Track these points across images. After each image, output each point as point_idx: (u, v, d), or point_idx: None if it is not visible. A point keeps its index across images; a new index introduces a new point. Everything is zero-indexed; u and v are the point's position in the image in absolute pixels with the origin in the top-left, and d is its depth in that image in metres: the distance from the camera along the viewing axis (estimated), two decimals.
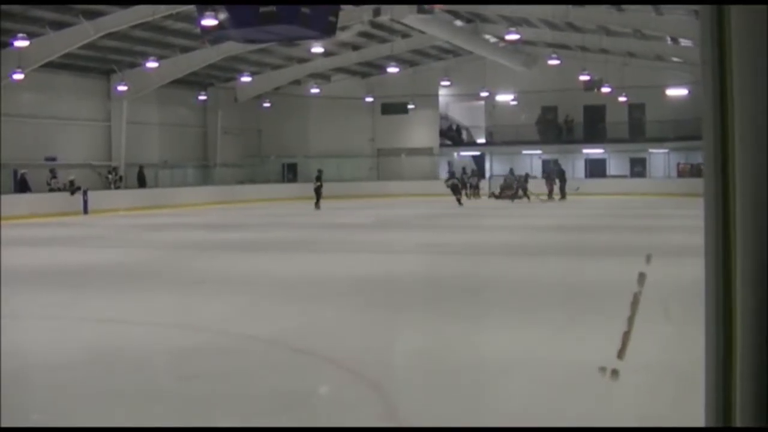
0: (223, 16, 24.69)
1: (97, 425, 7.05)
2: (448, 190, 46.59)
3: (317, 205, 43.10)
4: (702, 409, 2.27)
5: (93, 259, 20.45)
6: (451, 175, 50.24)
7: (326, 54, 49.61)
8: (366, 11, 41.02)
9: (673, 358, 9.00)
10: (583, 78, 53.17)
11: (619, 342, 8.95)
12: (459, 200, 45.23)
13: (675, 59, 53.42)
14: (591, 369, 8.47)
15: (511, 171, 53.91)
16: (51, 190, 42.11)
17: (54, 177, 42.83)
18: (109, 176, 47.25)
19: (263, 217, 37.05)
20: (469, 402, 7.62)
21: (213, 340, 10.37)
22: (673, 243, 21.91)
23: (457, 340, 10.12)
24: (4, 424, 7.08)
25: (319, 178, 44.49)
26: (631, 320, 10.19)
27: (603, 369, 7.92)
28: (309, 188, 56.19)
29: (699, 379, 2.31)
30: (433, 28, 44.40)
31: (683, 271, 15.58)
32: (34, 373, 8.85)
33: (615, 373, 7.86)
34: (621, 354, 8.54)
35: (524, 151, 60.93)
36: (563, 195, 48.24)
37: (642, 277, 13.15)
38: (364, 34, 48.41)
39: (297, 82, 59.36)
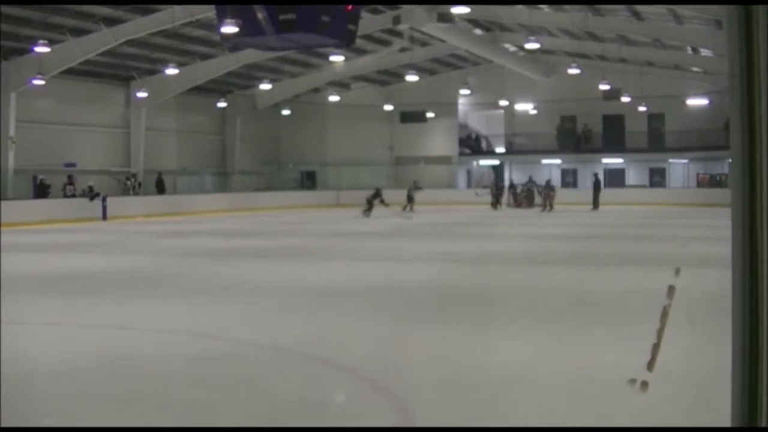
0: (242, 23, 24.74)
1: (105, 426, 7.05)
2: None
3: (368, 213, 41.99)
4: (727, 413, 2.22)
5: (106, 265, 20.46)
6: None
7: (346, 62, 49.68)
8: (385, 19, 41.07)
9: (693, 368, 8.90)
10: (603, 87, 53.10)
11: (649, 354, 8.90)
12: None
13: (695, 69, 53.31)
14: (604, 378, 8.43)
15: (530, 179, 53.74)
16: (66, 196, 42.16)
17: (70, 183, 42.86)
18: (128, 183, 47.34)
19: (279, 225, 37.03)
20: (480, 409, 7.57)
21: (223, 347, 10.33)
22: (694, 253, 21.84)
23: (468, 349, 10.06)
24: (7, 425, 7.07)
25: (377, 195, 43.22)
26: (660, 333, 10.13)
27: (633, 381, 7.87)
28: (327, 196, 56.57)
29: (721, 391, 2.26)
30: (453, 36, 44.41)
31: (706, 281, 15.56)
32: (40, 378, 8.83)
33: (645, 384, 7.80)
34: (650, 366, 8.48)
35: (543, 161, 60.91)
36: (596, 205, 48.08)
37: (671, 290, 13.08)
38: (383, 43, 48.45)
39: (316, 90, 59.41)
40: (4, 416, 7.35)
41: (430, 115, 61.57)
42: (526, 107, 59.86)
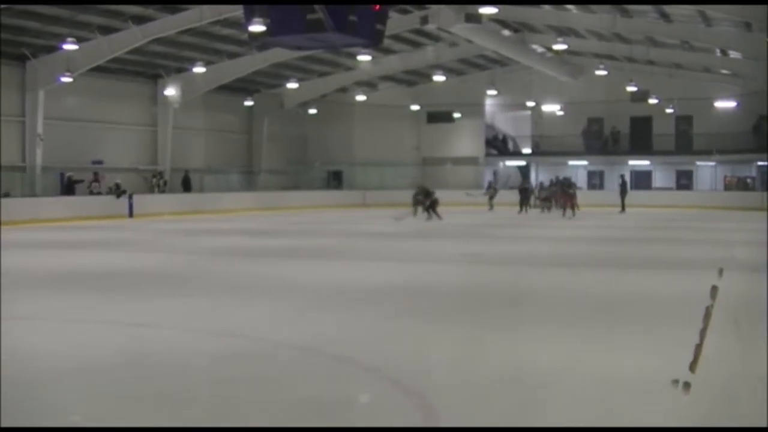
0: (270, 22, 24.77)
1: (125, 426, 7.06)
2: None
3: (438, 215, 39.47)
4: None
5: (132, 263, 20.51)
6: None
7: (373, 62, 49.65)
8: (413, 19, 41.04)
9: (726, 371, 8.85)
10: (630, 89, 52.89)
11: (681, 356, 8.85)
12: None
13: (723, 71, 53.01)
14: (633, 381, 8.39)
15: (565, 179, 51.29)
16: (92, 193, 42.25)
17: (95, 181, 42.87)
18: (154, 180, 47.38)
19: (305, 224, 37.03)
20: (506, 411, 7.54)
21: (248, 345, 10.34)
22: (723, 256, 21.69)
23: (494, 351, 10.04)
24: (36, 425, 7.08)
25: (428, 194, 40.73)
26: (703, 333, 10.07)
27: (676, 382, 7.82)
28: (354, 195, 56.58)
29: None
30: (480, 37, 44.30)
31: (740, 284, 15.49)
32: (65, 375, 8.87)
33: (687, 385, 7.74)
34: (693, 367, 8.43)
35: (570, 162, 60.71)
36: (623, 208, 47.51)
37: (714, 290, 13.02)
38: (411, 43, 48.47)
39: (343, 90, 59.44)
40: (26, 413, 7.40)
41: (456, 115, 61.54)
42: (553, 108, 59.76)
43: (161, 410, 7.58)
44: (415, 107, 61.34)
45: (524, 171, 61.73)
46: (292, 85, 52.92)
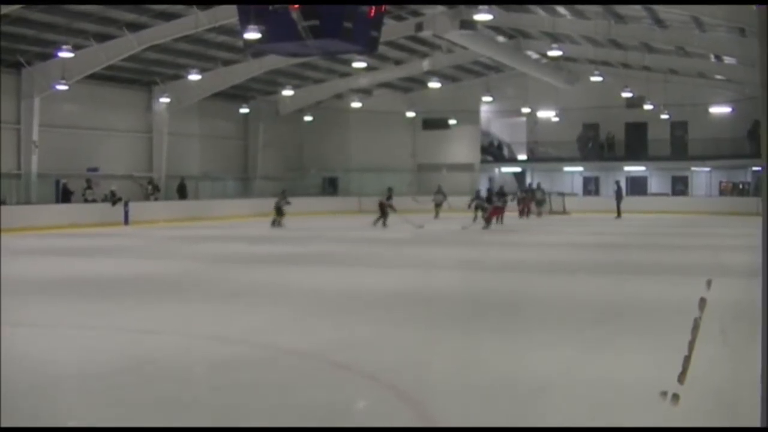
0: (265, 29, 24.81)
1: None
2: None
3: (385, 223, 39.19)
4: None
5: (131, 270, 20.48)
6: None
7: (368, 68, 49.66)
8: (408, 26, 41.06)
9: (723, 380, 8.87)
10: (625, 95, 52.97)
11: (679, 365, 8.86)
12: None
13: (718, 77, 53.07)
14: (632, 389, 8.41)
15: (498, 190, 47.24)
16: (86, 201, 42.23)
17: (89, 188, 42.88)
18: (149, 187, 47.29)
19: (302, 230, 36.97)
20: (506, 419, 7.55)
21: (249, 351, 10.36)
22: (720, 262, 21.73)
23: (494, 357, 10.05)
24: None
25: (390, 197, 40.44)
26: (691, 345, 10.07)
27: (664, 393, 7.82)
28: (349, 202, 56.50)
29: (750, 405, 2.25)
30: (475, 44, 44.31)
31: (734, 291, 15.48)
32: (70, 381, 8.90)
33: (676, 397, 7.75)
34: (682, 378, 8.43)
35: (565, 168, 60.77)
36: (619, 213, 47.41)
37: (702, 302, 13.01)
38: (406, 49, 48.51)
39: (339, 96, 59.47)
40: (28, 418, 7.41)
41: (452, 122, 61.51)
42: (548, 115, 59.74)
43: (161, 416, 7.59)
44: (410, 114, 61.39)
45: (520, 177, 61.71)
46: (287, 92, 53.01)
